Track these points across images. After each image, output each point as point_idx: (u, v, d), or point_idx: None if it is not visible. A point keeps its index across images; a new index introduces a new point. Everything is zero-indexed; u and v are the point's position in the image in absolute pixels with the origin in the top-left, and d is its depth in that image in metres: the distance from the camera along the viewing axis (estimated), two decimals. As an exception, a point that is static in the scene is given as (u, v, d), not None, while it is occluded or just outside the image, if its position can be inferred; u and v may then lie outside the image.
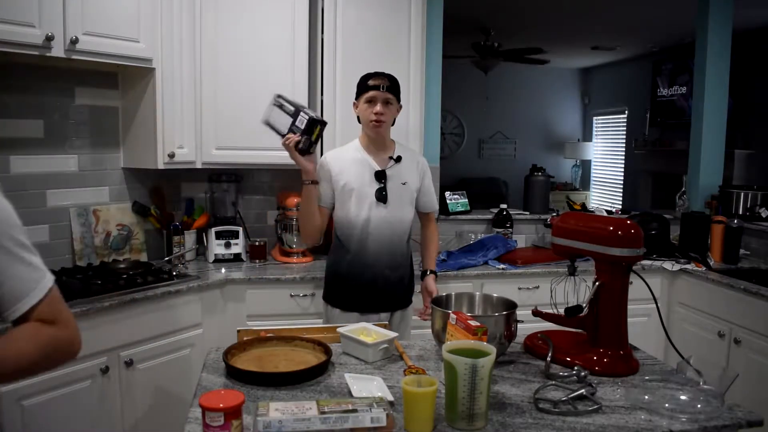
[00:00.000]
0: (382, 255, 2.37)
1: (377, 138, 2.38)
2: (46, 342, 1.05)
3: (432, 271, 2.57)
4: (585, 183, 9.09)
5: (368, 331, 1.80)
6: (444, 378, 1.35)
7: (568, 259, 1.90)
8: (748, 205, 3.70)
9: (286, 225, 3.06)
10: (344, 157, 2.39)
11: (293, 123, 2.18)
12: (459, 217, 3.66)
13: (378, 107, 2.29)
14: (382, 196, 2.34)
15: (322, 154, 2.65)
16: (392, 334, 1.78)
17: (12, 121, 2.52)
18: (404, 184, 2.40)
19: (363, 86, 2.34)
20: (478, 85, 8.31)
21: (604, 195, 8.79)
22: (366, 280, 2.36)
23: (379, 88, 2.29)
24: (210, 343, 2.50)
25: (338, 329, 1.82)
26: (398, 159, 2.40)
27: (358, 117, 2.41)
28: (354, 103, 2.40)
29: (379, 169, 2.37)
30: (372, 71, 2.37)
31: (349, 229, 2.36)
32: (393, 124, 2.44)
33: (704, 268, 3.13)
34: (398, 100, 2.38)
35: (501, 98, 8.69)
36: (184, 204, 3.20)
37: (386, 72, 2.37)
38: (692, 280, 3.09)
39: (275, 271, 2.89)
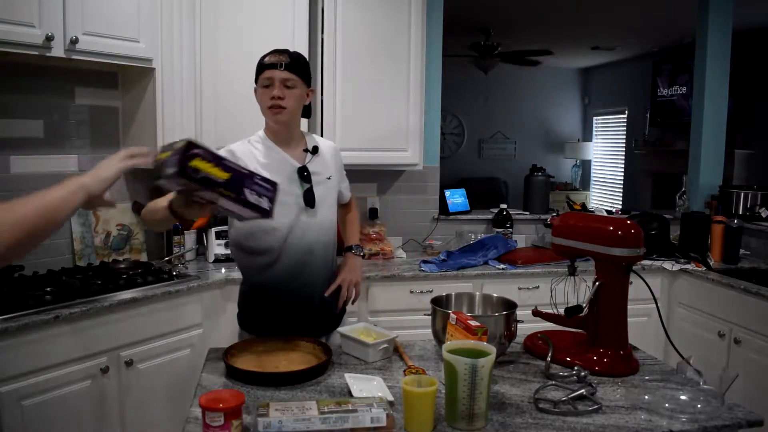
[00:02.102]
0: (317, 268, 1.97)
1: (284, 130, 1.94)
2: None
3: (353, 248, 2.15)
4: (585, 183, 9.09)
5: (368, 330, 1.81)
6: (444, 378, 1.35)
7: (568, 259, 1.90)
8: (748, 205, 3.70)
9: (286, 225, 3.06)
10: (255, 154, 1.92)
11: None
12: (459, 217, 3.66)
13: (276, 90, 1.86)
14: (310, 200, 1.91)
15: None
16: (392, 334, 1.78)
17: (12, 121, 2.52)
18: (329, 179, 2.01)
19: (259, 66, 1.91)
20: (478, 85, 8.31)
21: (604, 195, 8.79)
22: (298, 299, 1.96)
23: (276, 66, 1.86)
24: (210, 343, 2.50)
25: (338, 329, 1.81)
26: (315, 150, 1.98)
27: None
28: (255, 90, 1.96)
29: (300, 165, 1.94)
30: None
31: (270, 241, 1.91)
32: (309, 116, 2.07)
33: (704, 268, 3.13)
34: (306, 82, 1.93)
35: (501, 98, 8.69)
36: (184, 204, 3.19)
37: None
38: (692, 280, 3.09)
39: (275, 271, 2.88)
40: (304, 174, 1.93)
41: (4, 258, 1.11)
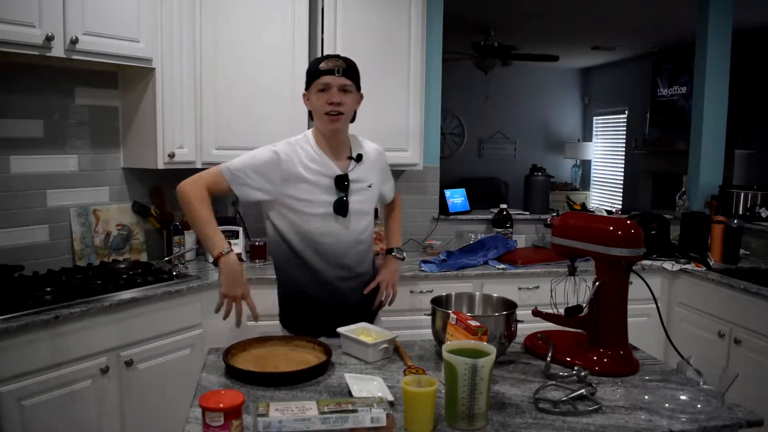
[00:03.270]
0: (348, 273, 2.03)
1: (334, 135, 1.96)
2: None
3: (394, 250, 2.19)
4: (585, 183, 9.09)
5: (368, 331, 1.81)
6: (444, 378, 1.35)
7: (568, 259, 1.90)
8: (748, 205, 3.70)
9: (286, 225, 3.06)
10: (300, 156, 1.94)
11: None
12: (459, 217, 3.66)
13: (334, 96, 1.88)
14: (341, 209, 1.95)
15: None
16: (392, 334, 1.78)
17: (12, 121, 2.52)
18: (370, 186, 2.04)
19: (314, 72, 1.91)
20: (478, 85, 8.31)
21: (604, 195, 8.79)
22: (333, 302, 2.02)
23: (333, 72, 1.87)
24: (210, 343, 2.50)
25: (338, 329, 1.82)
26: (359, 158, 2.02)
27: (309, 112, 2.02)
28: (304, 95, 1.99)
29: (341, 173, 1.97)
30: (326, 55, 2.00)
31: (307, 243, 1.97)
32: (353, 120, 2.04)
33: (704, 268, 3.13)
34: (358, 87, 1.97)
35: (501, 98, 8.69)
36: (184, 204, 3.19)
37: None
38: (692, 280, 3.09)
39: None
40: (343, 183, 1.96)
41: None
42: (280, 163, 1.91)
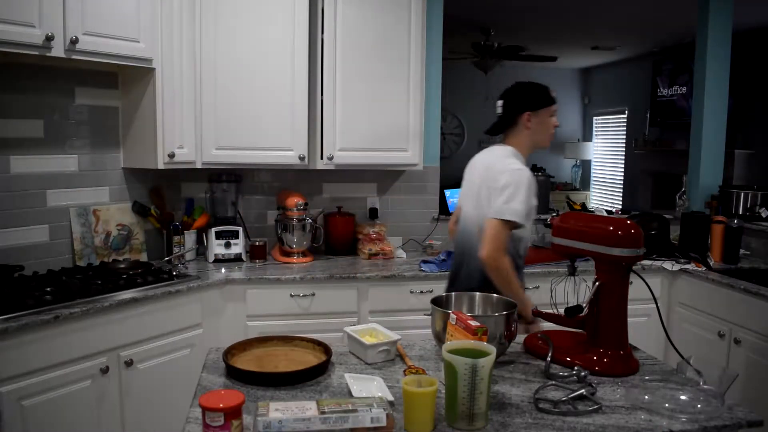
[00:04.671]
0: (523, 264, 2.35)
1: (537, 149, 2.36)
2: None
3: None
4: (585, 183, 9.09)
5: (376, 332, 1.80)
6: (444, 378, 1.35)
7: (568, 259, 1.90)
8: (748, 205, 3.70)
9: (286, 225, 3.06)
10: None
11: None
12: (459, 217, 3.66)
13: (557, 120, 2.30)
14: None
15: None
16: (395, 337, 1.78)
17: (12, 121, 2.52)
18: None
19: (547, 98, 2.26)
20: (478, 85, 8.30)
21: (604, 195, 8.79)
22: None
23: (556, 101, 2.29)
24: (210, 343, 2.50)
25: (345, 328, 1.82)
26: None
27: (509, 123, 2.32)
28: (527, 114, 2.24)
29: None
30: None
31: (520, 244, 2.27)
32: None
33: (704, 268, 3.13)
34: None
35: (501, 98, 8.67)
36: (184, 204, 3.20)
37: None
38: (692, 280, 3.09)
39: (275, 271, 2.89)
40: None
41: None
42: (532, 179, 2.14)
